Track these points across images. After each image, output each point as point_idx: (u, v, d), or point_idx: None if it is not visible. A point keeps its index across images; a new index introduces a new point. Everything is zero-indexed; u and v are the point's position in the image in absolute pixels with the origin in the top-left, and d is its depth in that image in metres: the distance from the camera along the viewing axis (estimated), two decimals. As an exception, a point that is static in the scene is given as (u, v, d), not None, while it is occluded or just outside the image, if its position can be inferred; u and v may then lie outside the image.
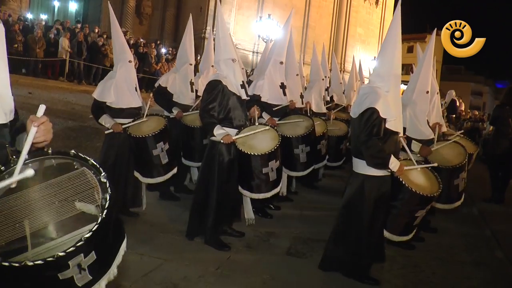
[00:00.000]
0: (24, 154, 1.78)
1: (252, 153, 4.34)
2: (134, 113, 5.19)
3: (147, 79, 17.87)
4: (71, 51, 16.31)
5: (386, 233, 4.16)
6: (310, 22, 31.58)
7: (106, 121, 5.04)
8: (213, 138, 4.47)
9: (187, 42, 6.22)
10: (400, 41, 3.97)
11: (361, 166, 3.97)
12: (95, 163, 1.92)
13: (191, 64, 6.17)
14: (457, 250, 5.33)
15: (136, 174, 5.16)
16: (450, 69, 47.54)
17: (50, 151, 1.93)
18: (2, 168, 1.85)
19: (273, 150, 4.38)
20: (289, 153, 5.56)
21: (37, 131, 1.83)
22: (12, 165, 1.85)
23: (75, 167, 1.93)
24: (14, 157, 1.87)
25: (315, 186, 7.62)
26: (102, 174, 1.88)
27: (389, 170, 3.85)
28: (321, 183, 7.88)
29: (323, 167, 7.58)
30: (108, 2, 6.01)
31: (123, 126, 5.06)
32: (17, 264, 1.57)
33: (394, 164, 3.78)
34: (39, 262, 1.58)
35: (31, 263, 1.57)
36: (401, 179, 3.93)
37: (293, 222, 5.65)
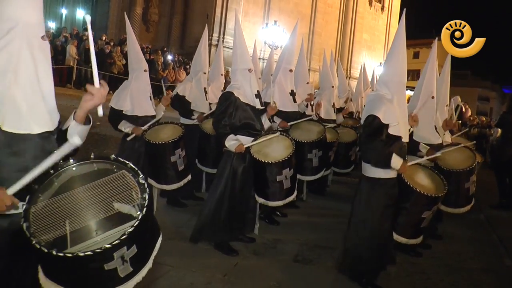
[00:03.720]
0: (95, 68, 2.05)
1: (266, 161, 4.41)
2: (149, 121, 5.27)
3: (154, 86, 17.91)
4: (78, 58, 16.42)
5: (397, 236, 4.20)
6: (316, 29, 31.66)
7: (125, 126, 5.14)
8: (226, 148, 4.54)
9: (202, 52, 6.41)
10: (404, 50, 4.03)
11: (369, 170, 4.04)
12: (133, 166, 2.11)
13: (204, 73, 6.35)
14: (464, 257, 5.30)
15: (150, 181, 5.21)
16: (456, 74, 47.36)
17: (92, 156, 2.13)
18: (52, 171, 2.03)
19: (286, 158, 4.43)
20: (302, 157, 5.64)
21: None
22: (59, 169, 2.06)
23: (115, 170, 2.11)
24: (61, 161, 2.06)
25: (324, 192, 7.62)
26: (140, 176, 2.07)
27: (395, 169, 3.92)
28: (329, 189, 7.87)
29: (331, 173, 7.63)
30: (125, 14, 6.10)
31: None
32: (70, 254, 1.77)
33: (396, 162, 3.81)
34: (89, 252, 1.77)
35: (82, 254, 1.77)
36: (406, 181, 4.00)
37: (300, 229, 5.64)
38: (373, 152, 3.86)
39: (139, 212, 1.93)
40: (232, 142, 4.45)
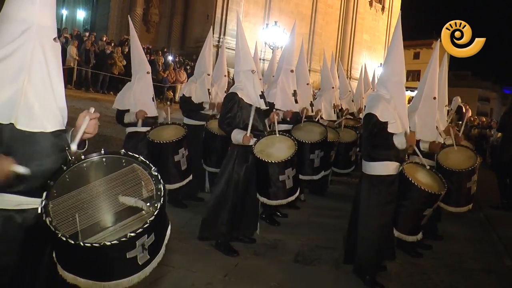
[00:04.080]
0: (79, 135, 2.11)
1: (270, 161, 4.43)
2: (151, 122, 5.38)
3: (154, 86, 17.91)
4: (79, 59, 16.44)
5: (396, 233, 4.25)
6: (316, 29, 31.68)
7: (130, 116, 5.24)
8: (234, 142, 4.58)
9: (206, 53, 6.47)
10: (401, 50, 4.13)
11: (369, 168, 4.13)
12: (144, 160, 2.19)
13: (208, 75, 6.42)
14: (465, 257, 5.30)
15: None
16: (457, 75, 47.36)
17: (102, 151, 2.20)
18: (64, 167, 2.10)
19: (289, 158, 4.46)
20: (303, 158, 5.66)
21: (88, 123, 2.13)
22: (71, 164, 2.12)
23: (124, 164, 2.18)
24: (73, 158, 2.14)
25: (325, 193, 7.63)
26: (152, 168, 2.14)
27: (400, 166, 4.05)
28: (329, 190, 7.87)
29: (330, 173, 7.63)
30: (129, 16, 6.17)
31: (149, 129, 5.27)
32: (97, 244, 1.83)
33: (400, 140, 3.93)
34: (115, 242, 1.83)
35: (108, 243, 1.83)
36: (409, 178, 4.03)
37: (301, 229, 5.65)
38: (378, 139, 3.96)
39: (149, 204, 2.02)
40: (239, 136, 4.50)
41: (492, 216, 7.39)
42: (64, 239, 1.84)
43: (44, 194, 1.99)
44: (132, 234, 1.85)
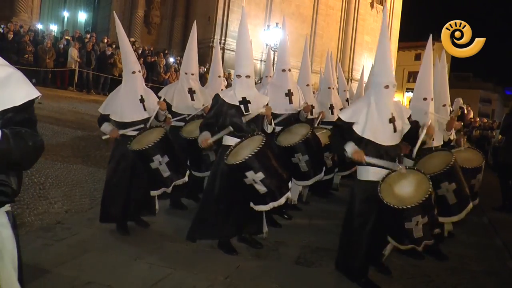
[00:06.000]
0: None
1: (231, 163, 4.21)
2: (139, 125, 5.03)
3: (156, 88, 17.94)
4: (80, 61, 16.46)
5: (402, 246, 4.06)
6: (317, 30, 31.71)
7: (105, 129, 5.02)
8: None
9: (187, 51, 6.14)
10: (386, 49, 4.20)
11: (358, 170, 4.20)
12: None
13: (186, 73, 6.12)
14: (467, 259, 5.27)
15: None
16: (458, 76, 47.29)
17: None
18: None
19: (244, 160, 4.09)
20: (287, 163, 5.26)
21: None
22: None
23: None
24: None
25: (327, 195, 7.59)
26: None
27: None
28: (337, 193, 7.84)
29: (335, 176, 7.47)
30: (114, 12, 6.04)
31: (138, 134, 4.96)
32: None
33: (350, 149, 3.94)
34: None
35: None
36: (379, 192, 3.76)
37: (302, 231, 5.64)
38: (333, 138, 4.14)
39: None
40: (202, 137, 4.64)
41: (495, 219, 7.35)
42: None
43: None
44: None
